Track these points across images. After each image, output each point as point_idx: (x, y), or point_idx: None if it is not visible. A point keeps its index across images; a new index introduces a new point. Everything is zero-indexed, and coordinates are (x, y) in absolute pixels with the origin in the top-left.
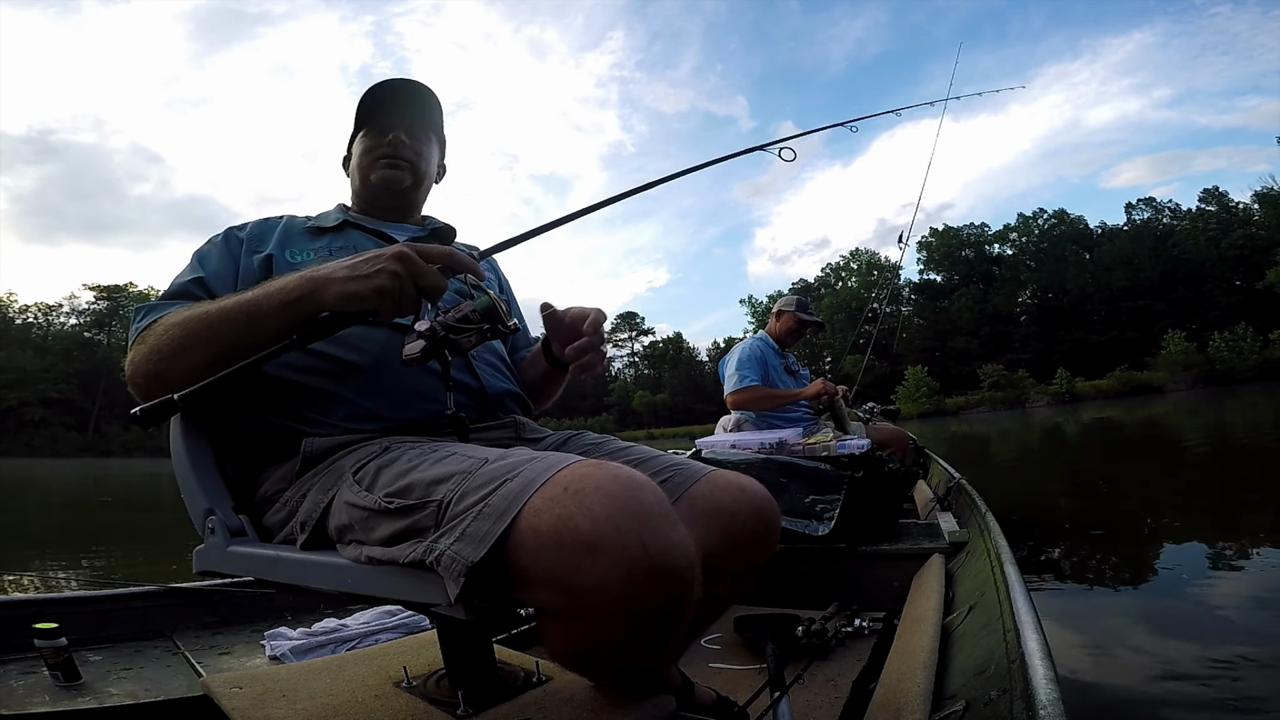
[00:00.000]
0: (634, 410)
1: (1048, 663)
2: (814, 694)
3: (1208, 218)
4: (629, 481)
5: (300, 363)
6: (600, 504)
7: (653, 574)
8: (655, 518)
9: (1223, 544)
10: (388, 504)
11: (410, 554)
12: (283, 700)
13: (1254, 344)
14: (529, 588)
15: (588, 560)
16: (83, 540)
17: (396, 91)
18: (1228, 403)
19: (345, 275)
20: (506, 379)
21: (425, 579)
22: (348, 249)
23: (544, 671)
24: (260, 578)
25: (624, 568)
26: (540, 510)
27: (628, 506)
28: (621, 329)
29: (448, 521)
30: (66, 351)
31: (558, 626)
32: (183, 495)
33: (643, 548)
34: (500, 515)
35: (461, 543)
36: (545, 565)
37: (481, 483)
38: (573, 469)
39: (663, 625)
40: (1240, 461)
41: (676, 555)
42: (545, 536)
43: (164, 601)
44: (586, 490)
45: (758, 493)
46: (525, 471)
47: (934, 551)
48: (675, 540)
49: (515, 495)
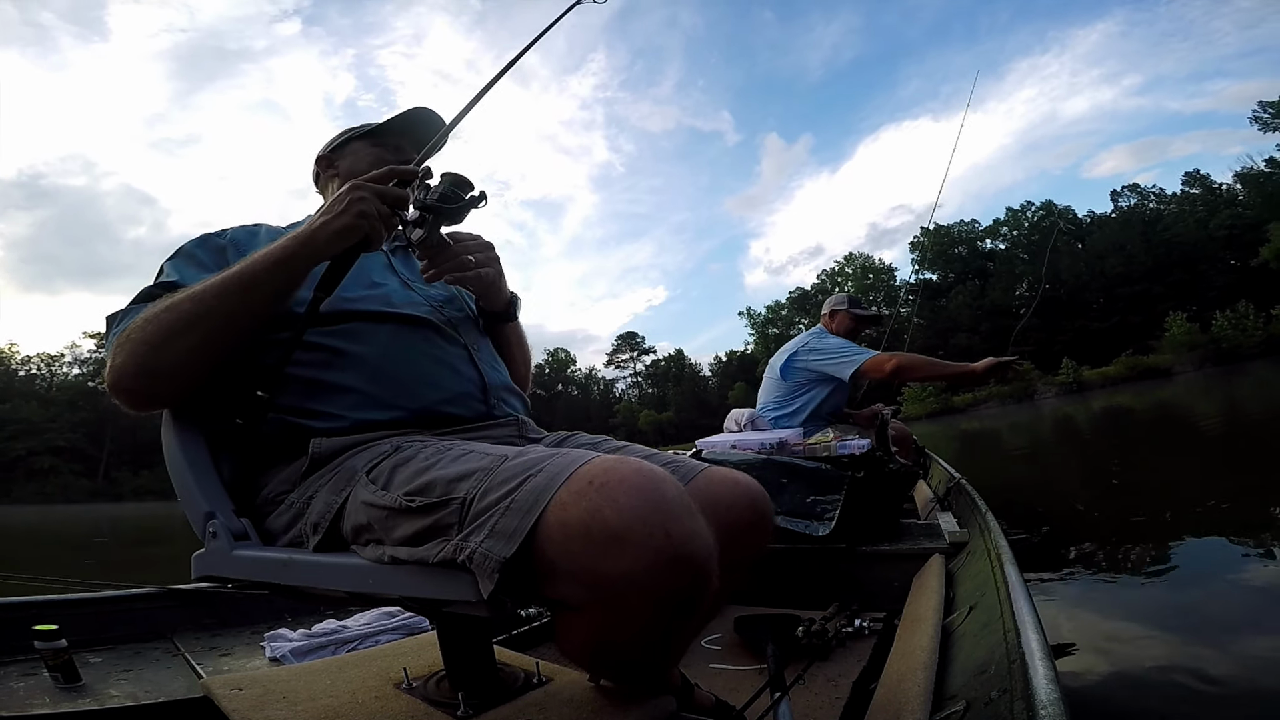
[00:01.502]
0: (640, 430)
1: (1048, 663)
2: (814, 694)
3: (1193, 200)
4: (651, 474)
5: (305, 357)
6: (626, 496)
7: (677, 563)
8: (678, 509)
9: (1233, 536)
10: (409, 502)
11: (440, 552)
12: (283, 701)
13: (1256, 321)
14: (555, 581)
15: (615, 551)
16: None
17: (420, 120)
18: (1237, 381)
19: (327, 219)
20: (504, 373)
21: (453, 577)
22: None
23: (544, 672)
24: (270, 582)
25: (650, 557)
26: (567, 504)
27: (652, 498)
28: (623, 349)
29: (474, 519)
30: (71, 401)
31: (578, 620)
32: (180, 499)
33: (668, 538)
34: (528, 510)
35: (493, 539)
36: (573, 558)
37: (505, 479)
38: (596, 463)
39: (681, 615)
40: (1256, 444)
41: (698, 545)
42: (573, 529)
43: (164, 603)
44: (611, 483)
45: (751, 486)
46: (549, 467)
47: (934, 551)
48: (697, 530)
49: (541, 490)
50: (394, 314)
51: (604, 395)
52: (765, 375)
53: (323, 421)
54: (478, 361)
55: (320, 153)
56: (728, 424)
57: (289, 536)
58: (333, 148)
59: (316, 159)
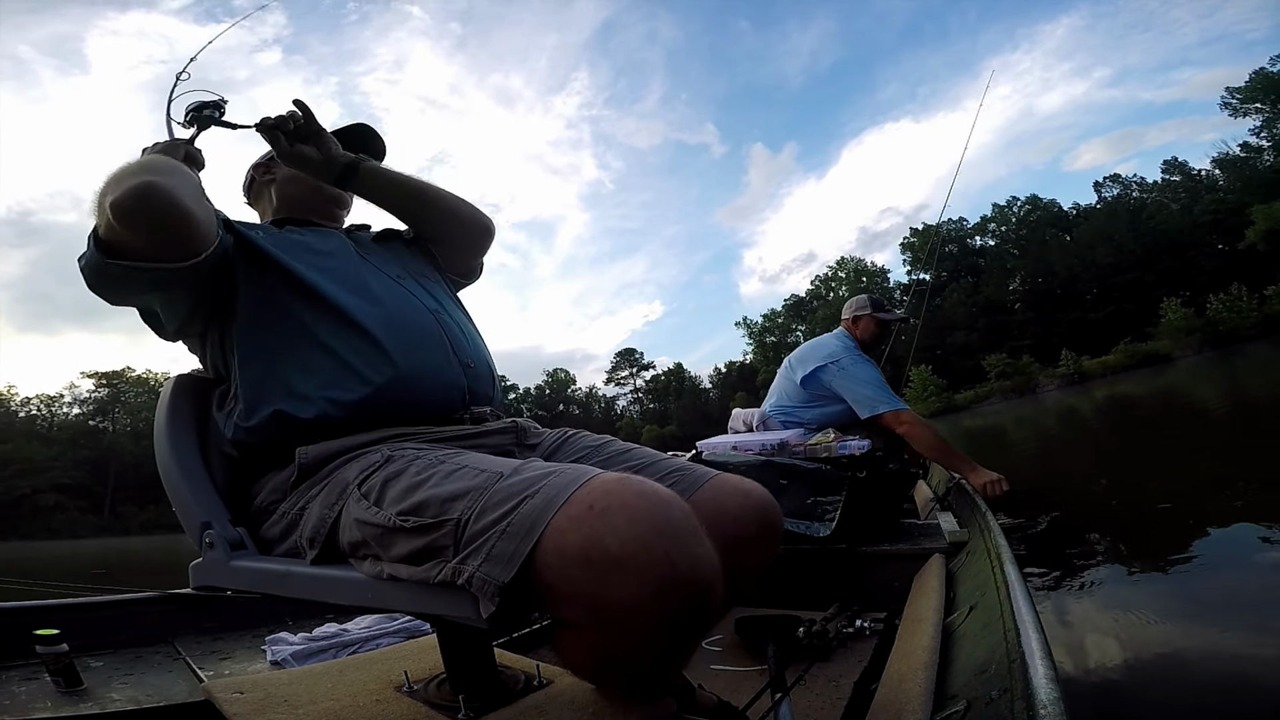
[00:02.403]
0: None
1: (1048, 662)
2: (815, 695)
3: (1175, 188)
4: (655, 498)
5: (265, 334)
6: (628, 523)
7: (681, 589)
8: (683, 534)
9: (1239, 530)
10: (402, 522)
11: (439, 574)
12: (284, 705)
13: (1250, 302)
14: (554, 603)
15: (615, 579)
16: None
17: (358, 134)
18: (1239, 363)
19: None
20: (473, 330)
21: (454, 594)
22: (293, 234)
23: (545, 675)
24: (269, 593)
25: (653, 585)
26: (565, 529)
27: (656, 524)
28: (622, 366)
29: (469, 542)
30: (73, 440)
31: (578, 638)
32: (175, 508)
33: (671, 565)
34: (524, 535)
35: (490, 564)
36: (571, 583)
37: (499, 499)
38: (595, 484)
39: (685, 636)
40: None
41: (704, 570)
42: (571, 556)
43: (165, 607)
44: (613, 508)
45: (761, 497)
46: (545, 488)
47: (934, 551)
48: (702, 555)
49: (539, 514)
50: (356, 287)
51: (605, 413)
52: (781, 374)
53: (292, 403)
54: (442, 323)
55: (259, 160)
56: (733, 424)
57: (285, 546)
58: (271, 155)
59: (254, 165)
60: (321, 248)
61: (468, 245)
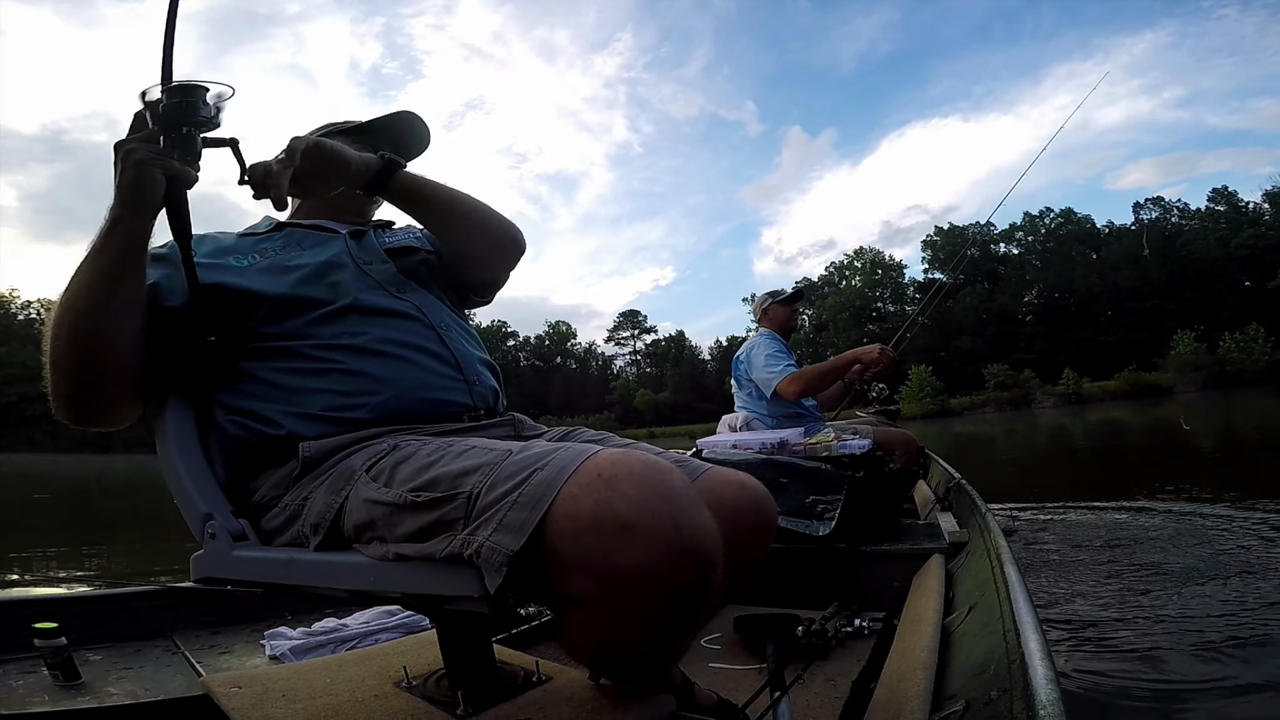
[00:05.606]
0: (636, 408)
1: (1048, 663)
2: (814, 694)
3: (1217, 217)
4: (659, 466)
5: (264, 360)
6: (635, 488)
7: (685, 554)
8: (685, 501)
9: (1229, 541)
10: (414, 498)
11: (447, 548)
12: (282, 700)
13: (1265, 345)
14: (563, 575)
15: (624, 542)
16: None
17: (404, 124)
18: (1239, 404)
19: (120, 176)
20: (478, 347)
21: (457, 572)
22: (291, 244)
23: (544, 671)
24: (272, 582)
25: (659, 548)
26: (576, 496)
27: (660, 489)
28: (624, 327)
29: (480, 513)
30: None
31: (583, 616)
32: (176, 501)
33: (676, 529)
34: (536, 503)
35: (500, 533)
36: (582, 549)
37: (511, 472)
38: (603, 455)
39: (688, 609)
40: (1253, 462)
41: (706, 537)
42: (583, 521)
43: (164, 601)
44: (620, 475)
45: (756, 489)
46: (555, 460)
47: (934, 551)
48: (704, 522)
49: (549, 482)
50: (354, 305)
51: (602, 371)
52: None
53: (295, 424)
54: (446, 340)
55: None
56: (721, 428)
57: (287, 537)
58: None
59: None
60: (314, 260)
61: (495, 260)
